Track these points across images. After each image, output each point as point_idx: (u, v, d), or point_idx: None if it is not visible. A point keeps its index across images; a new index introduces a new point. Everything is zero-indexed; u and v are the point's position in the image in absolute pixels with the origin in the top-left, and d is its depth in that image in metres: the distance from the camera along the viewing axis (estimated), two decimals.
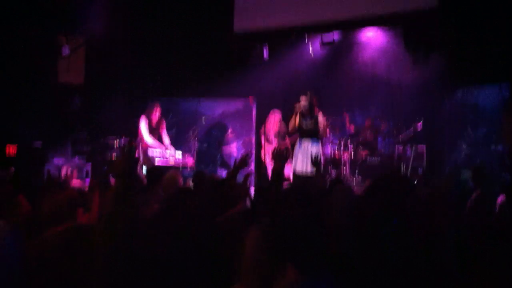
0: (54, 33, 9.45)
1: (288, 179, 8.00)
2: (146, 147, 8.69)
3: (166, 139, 8.86)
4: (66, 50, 9.47)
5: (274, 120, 8.95)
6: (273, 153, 4.34)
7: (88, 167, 9.07)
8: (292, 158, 8.00)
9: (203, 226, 3.22)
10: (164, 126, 8.92)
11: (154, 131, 8.82)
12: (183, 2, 10.37)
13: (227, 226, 3.16)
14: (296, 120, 7.73)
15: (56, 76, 9.61)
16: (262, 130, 9.08)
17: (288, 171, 8.42)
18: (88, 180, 8.62)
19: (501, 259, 2.22)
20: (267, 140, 8.94)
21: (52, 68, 9.54)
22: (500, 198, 5.20)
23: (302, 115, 7.74)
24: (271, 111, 9.05)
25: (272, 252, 1.90)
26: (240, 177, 4.93)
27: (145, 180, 5.97)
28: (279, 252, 1.91)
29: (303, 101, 7.72)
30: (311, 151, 7.56)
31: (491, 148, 8.70)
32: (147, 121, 8.75)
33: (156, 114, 8.82)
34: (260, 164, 9.83)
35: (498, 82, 8.36)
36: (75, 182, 7.68)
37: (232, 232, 2.76)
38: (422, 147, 9.08)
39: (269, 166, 8.43)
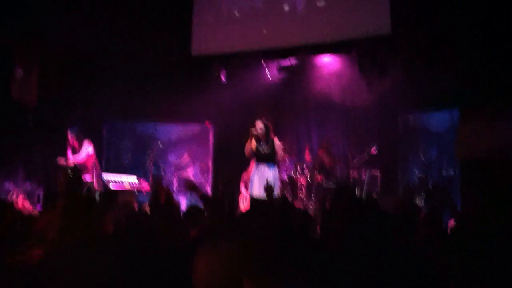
0: (7, 51, 9.25)
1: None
2: (98, 172, 8.53)
3: (77, 156, 8.41)
4: (20, 72, 9.27)
5: None
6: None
7: (40, 191, 8.82)
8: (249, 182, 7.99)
9: (161, 249, 3.18)
10: (84, 146, 8.49)
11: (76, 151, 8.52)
12: (141, 24, 10.32)
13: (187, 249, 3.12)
14: (252, 145, 7.70)
15: (10, 94, 9.38)
16: (243, 177, 8.95)
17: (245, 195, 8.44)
18: (39, 205, 8.39)
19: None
20: (246, 187, 8.74)
21: (5, 86, 9.32)
22: (451, 222, 5.33)
23: (258, 140, 7.69)
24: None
25: (228, 270, 1.88)
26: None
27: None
28: (235, 269, 1.89)
29: (259, 125, 7.69)
30: (267, 176, 7.56)
31: (442, 173, 8.92)
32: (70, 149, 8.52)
33: (72, 141, 8.50)
34: (217, 189, 9.82)
35: (449, 108, 8.61)
36: (26, 208, 7.44)
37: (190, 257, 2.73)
38: (376, 171, 9.23)
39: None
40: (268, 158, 7.69)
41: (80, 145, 8.52)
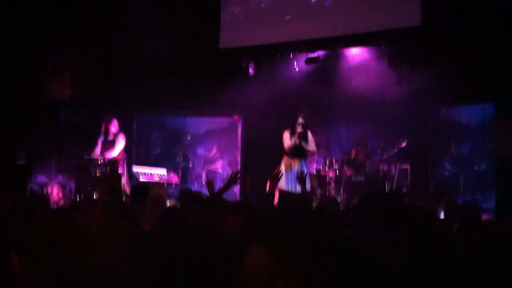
0: (42, 49, 9.41)
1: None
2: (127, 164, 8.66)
3: (112, 152, 8.52)
4: (53, 69, 9.46)
5: None
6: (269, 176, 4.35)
7: (72, 184, 8.95)
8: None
9: (194, 244, 3.19)
10: (119, 141, 8.62)
11: (108, 143, 8.63)
12: (169, 18, 10.39)
13: (221, 244, 3.13)
14: (296, 141, 7.67)
15: (43, 91, 9.55)
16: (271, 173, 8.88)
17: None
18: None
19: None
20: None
21: (39, 83, 9.49)
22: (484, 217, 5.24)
23: (301, 136, 7.69)
24: None
25: (273, 270, 1.88)
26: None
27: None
28: (279, 270, 1.89)
29: (301, 121, 7.68)
30: (298, 170, 7.57)
31: (474, 168, 8.78)
32: (103, 136, 8.63)
33: (112, 127, 8.62)
34: (246, 183, 9.83)
35: (482, 101, 8.46)
36: (60, 200, 7.57)
37: (226, 251, 2.73)
38: (407, 165, 9.13)
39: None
40: (302, 153, 7.72)
41: (117, 134, 8.64)
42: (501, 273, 2.57)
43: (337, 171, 9.28)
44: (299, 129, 7.60)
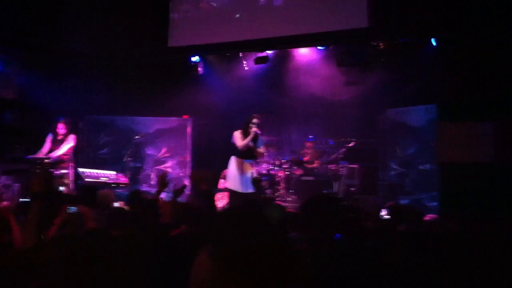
0: None
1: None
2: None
3: (58, 151, 8.45)
4: None
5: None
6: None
7: (16, 187, 8.67)
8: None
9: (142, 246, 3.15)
10: (68, 140, 8.54)
11: (57, 142, 8.54)
12: (116, 16, 10.20)
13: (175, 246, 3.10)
14: (249, 141, 7.59)
15: None
16: (223, 173, 8.77)
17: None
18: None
19: None
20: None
21: None
22: (428, 217, 5.39)
23: (255, 137, 7.62)
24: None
25: (220, 277, 1.86)
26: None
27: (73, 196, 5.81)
28: (226, 277, 1.87)
29: (257, 121, 7.62)
30: (249, 171, 7.59)
31: (419, 168, 9.01)
32: (52, 135, 8.56)
33: (60, 130, 8.52)
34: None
35: (425, 103, 8.69)
36: (3, 202, 7.30)
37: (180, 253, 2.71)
38: (355, 166, 9.30)
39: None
40: (251, 154, 7.69)
41: (66, 135, 8.50)
42: (446, 269, 2.64)
43: (287, 171, 9.35)
44: (254, 128, 7.54)
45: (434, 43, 8.63)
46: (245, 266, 1.78)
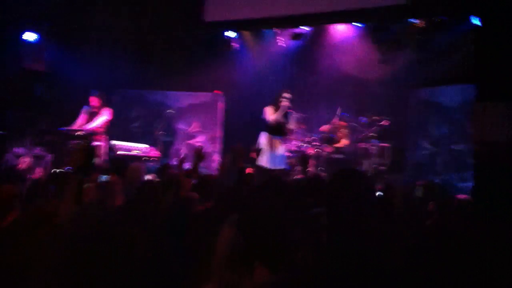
0: (18, 19, 9.21)
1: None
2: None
3: (93, 123, 8.53)
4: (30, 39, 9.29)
5: None
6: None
7: (49, 157, 8.87)
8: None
9: (172, 220, 3.18)
10: (102, 113, 8.61)
11: (91, 115, 8.64)
12: None
13: (200, 221, 3.12)
14: (280, 117, 7.55)
15: (20, 62, 9.39)
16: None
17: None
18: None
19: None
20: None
21: (15, 53, 9.33)
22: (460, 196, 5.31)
23: (286, 112, 7.58)
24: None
25: (243, 250, 1.86)
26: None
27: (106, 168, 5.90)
28: (249, 249, 1.88)
29: (288, 95, 7.56)
30: (278, 147, 7.58)
31: (451, 148, 8.86)
32: (87, 107, 8.65)
33: (93, 103, 8.61)
34: (225, 159, 9.78)
35: (463, 83, 8.49)
36: (38, 172, 7.50)
37: (205, 228, 2.72)
38: (386, 145, 9.19)
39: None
40: (282, 130, 7.66)
41: (100, 108, 8.60)
42: (476, 251, 2.58)
43: (317, 148, 9.30)
44: (284, 102, 7.49)
45: (473, 21, 8.39)
46: (265, 236, 1.79)
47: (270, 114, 7.54)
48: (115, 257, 1.69)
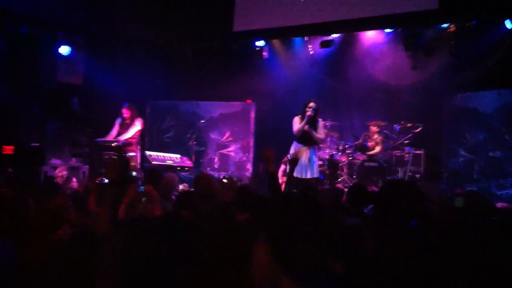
0: (54, 33, 9.44)
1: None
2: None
3: (126, 134, 8.77)
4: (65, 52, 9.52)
5: None
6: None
7: (85, 168, 9.04)
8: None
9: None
10: (134, 123, 8.84)
11: (124, 126, 8.85)
12: (181, 2, 10.34)
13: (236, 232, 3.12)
14: (305, 126, 7.52)
15: (56, 76, 9.61)
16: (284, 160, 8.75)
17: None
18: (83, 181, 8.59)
19: None
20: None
21: (52, 68, 9.54)
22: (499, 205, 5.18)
23: (312, 121, 7.55)
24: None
25: (274, 266, 1.86)
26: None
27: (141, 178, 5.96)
28: (278, 266, 1.87)
29: (313, 105, 7.54)
30: (308, 157, 7.52)
31: (489, 154, 8.68)
32: (121, 119, 8.90)
33: (126, 114, 8.85)
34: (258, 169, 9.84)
35: (497, 88, 8.33)
36: (73, 184, 7.63)
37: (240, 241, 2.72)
38: (420, 152, 9.06)
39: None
40: (309, 139, 7.60)
41: (133, 119, 8.74)
42: None
43: (350, 156, 9.25)
44: (309, 112, 7.47)
45: (507, 25, 8.24)
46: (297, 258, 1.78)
47: (296, 124, 7.55)
48: (167, 268, 1.73)
